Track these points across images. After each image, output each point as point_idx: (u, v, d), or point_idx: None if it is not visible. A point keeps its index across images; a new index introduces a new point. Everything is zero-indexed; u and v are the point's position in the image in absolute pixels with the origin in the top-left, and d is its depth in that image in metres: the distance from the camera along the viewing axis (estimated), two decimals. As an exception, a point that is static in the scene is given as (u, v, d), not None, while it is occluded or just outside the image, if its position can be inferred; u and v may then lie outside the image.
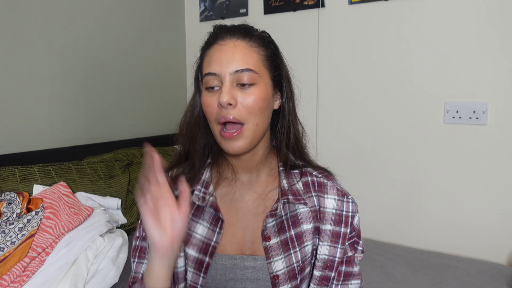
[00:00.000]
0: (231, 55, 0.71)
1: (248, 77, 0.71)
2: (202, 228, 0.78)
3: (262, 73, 0.74)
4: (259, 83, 0.73)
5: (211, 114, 0.73)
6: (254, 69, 0.72)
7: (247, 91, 0.72)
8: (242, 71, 0.71)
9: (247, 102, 0.71)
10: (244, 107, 0.71)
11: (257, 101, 0.72)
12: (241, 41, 0.73)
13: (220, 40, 0.74)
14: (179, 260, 0.78)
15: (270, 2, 2.20)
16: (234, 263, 0.77)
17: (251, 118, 0.72)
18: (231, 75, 0.71)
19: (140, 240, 0.81)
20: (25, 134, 1.70)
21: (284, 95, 0.79)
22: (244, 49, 0.72)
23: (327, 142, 2.10)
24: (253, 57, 0.73)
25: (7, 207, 1.32)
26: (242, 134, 0.72)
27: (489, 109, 1.70)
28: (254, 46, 0.74)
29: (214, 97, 0.72)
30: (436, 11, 1.78)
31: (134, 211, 1.73)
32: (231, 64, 0.71)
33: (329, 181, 0.81)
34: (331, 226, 0.79)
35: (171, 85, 2.47)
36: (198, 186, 0.79)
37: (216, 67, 0.72)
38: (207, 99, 0.74)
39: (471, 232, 1.78)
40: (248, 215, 0.80)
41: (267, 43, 0.76)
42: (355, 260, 0.81)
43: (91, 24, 1.96)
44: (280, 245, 0.76)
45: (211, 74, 0.72)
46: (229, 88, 0.70)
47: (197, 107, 0.79)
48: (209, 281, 0.77)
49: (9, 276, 1.18)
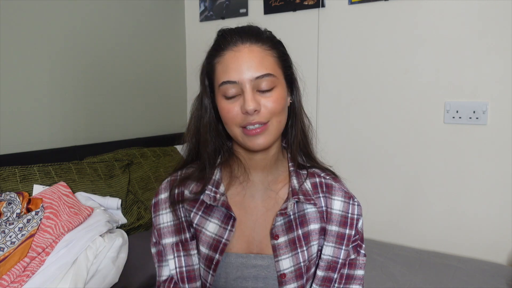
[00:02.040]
0: (248, 62, 0.71)
1: (267, 82, 0.72)
2: (213, 226, 0.79)
3: (279, 75, 0.75)
4: (277, 85, 0.74)
5: (232, 119, 0.74)
6: (272, 73, 0.73)
7: (267, 94, 0.73)
8: (262, 76, 0.72)
9: (270, 105, 0.72)
10: (267, 111, 0.72)
11: (279, 102, 0.73)
12: (255, 46, 0.73)
13: (233, 46, 0.73)
14: (194, 258, 0.80)
15: (270, 2, 2.20)
16: (242, 262, 0.78)
17: (274, 117, 0.74)
18: (252, 82, 0.71)
19: (157, 245, 0.83)
20: (25, 134, 1.70)
21: (294, 92, 0.81)
22: (259, 53, 0.73)
23: (326, 142, 2.10)
24: (269, 60, 0.73)
25: (7, 207, 1.32)
26: (267, 129, 0.73)
27: (489, 109, 1.70)
28: (267, 49, 0.74)
29: (236, 103, 0.73)
30: (436, 11, 1.78)
31: (134, 211, 1.73)
32: (250, 71, 0.71)
33: (337, 183, 0.83)
34: (337, 227, 0.80)
35: (171, 85, 2.47)
36: (209, 186, 0.80)
37: (234, 75, 0.72)
38: (227, 106, 0.74)
39: (471, 232, 1.78)
40: (258, 213, 0.80)
41: (276, 43, 0.77)
42: (357, 264, 0.82)
43: (91, 24, 1.96)
44: (288, 244, 0.77)
45: (230, 83, 0.72)
46: (252, 95, 0.71)
47: (208, 113, 0.79)
48: (217, 279, 0.78)
49: (9, 276, 1.18)
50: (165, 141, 2.26)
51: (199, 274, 0.80)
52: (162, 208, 0.82)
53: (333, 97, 2.08)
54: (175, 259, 0.79)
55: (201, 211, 0.80)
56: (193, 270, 0.79)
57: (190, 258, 0.80)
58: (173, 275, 0.80)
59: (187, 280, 0.79)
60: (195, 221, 0.80)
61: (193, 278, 0.79)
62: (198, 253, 0.80)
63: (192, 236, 0.81)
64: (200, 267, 0.80)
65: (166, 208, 0.82)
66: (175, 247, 0.80)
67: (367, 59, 1.96)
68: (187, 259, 0.79)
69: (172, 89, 2.48)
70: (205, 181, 0.80)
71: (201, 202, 0.81)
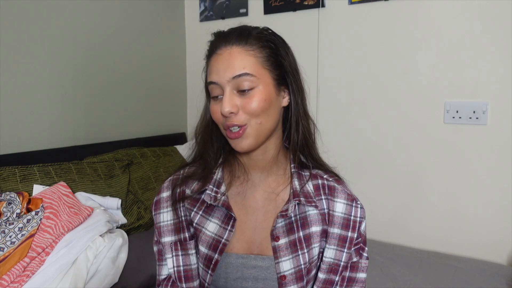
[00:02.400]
0: (227, 63, 0.72)
1: (246, 82, 0.72)
2: (213, 225, 0.79)
3: (261, 75, 0.74)
4: (259, 85, 0.73)
5: (217, 120, 0.76)
6: (251, 73, 0.72)
7: (247, 95, 0.73)
8: (239, 76, 0.72)
9: (248, 106, 0.72)
10: (246, 112, 0.72)
11: (259, 103, 0.73)
12: (236, 47, 0.73)
13: (217, 50, 0.75)
14: (192, 258, 0.80)
15: (270, 2, 2.20)
16: (242, 262, 0.77)
17: (253, 119, 0.73)
18: (230, 82, 0.72)
19: (157, 244, 0.84)
20: (25, 134, 1.70)
21: (291, 91, 0.79)
22: (239, 54, 0.73)
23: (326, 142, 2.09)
24: (249, 60, 0.73)
25: (7, 207, 1.32)
26: (245, 132, 0.73)
27: (489, 109, 1.70)
28: (249, 49, 0.73)
29: (219, 105, 0.74)
30: (436, 11, 1.78)
31: (134, 211, 1.73)
32: (228, 72, 0.72)
33: (339, 185, 0.82)
34: (339, 230, 0.79)
35: (171, 85, 2.47)
36: (210, 186, 0.80)
37: (215, 77, 0.74)
38: (213, 107, 0.76)
39: (471, 232, 1.78)
40: (258, 214, 0.80)
41: (265, 42, 0.75)
42: (360, 266, 0.82)
43: (91, 24, 1.96)
44: (289, 246, 0.77)
45: (212, 83, 0.74)
46: (229, 97, 0.72)
47: (208, 113, 0.81)
48: (217, 280, 0.78)
49: (9, 276, 1.18)
50: (165, 141, 2.26)
51: (197, 273, 0.80)
52: (163, 207, 0.83)
53: (333, 97, 2.08)
54: (173, 258, 0.80)
55: (201, 211, 0.80)
56: (191, 269, 0.79)
57: (188, 258, 0.80)
58: (171, 274, 0.80)
59: (184, 279, 0.79)
60: (195, 221, 0.80)
61: (190, 277, 0.79)
62: (197, 252, 0.80)
63: (191, 236, 0.81)
64: (199, 267, 0.80)
65: (167, 206, 0.82)
66: (174, 246, 0.80)
67: (367, 59, 1.96)
68: (185, 259, 0.80)
69: (172, 89, 2.48)
70: (207, 180, 0.80)
71: (202, 202, 0.81)
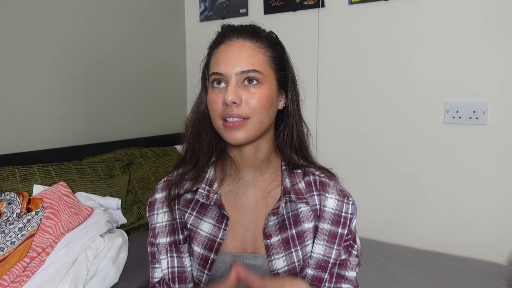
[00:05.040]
0: (237, 56, 0.73)
1: (254, 77, 0.73)
2: (207, 225, 0.79)
3: (268, 74, 0.75)
4: (264, 83, 0.74)
5: (215, 110, 0.75)
6: (259, 70, 0.73)
7: (251, 90, 0.73)
8: (247, 71, 0.73)
9: (251, 101, 0.73)
10: (248, 106, 0.73)
11: (262, 100, 0.73)
12: (248, 42, 0.75)
13: (227, 40, 0.75)
14: (185, 260, 0.80)
15: (270, 2, 2.20)
16: (235, 261, 0.77)
17: (256, 115, 0.73)
18: (237, 76, 0.73)
19: (151, 246, 0.83)
20: (25, 134, 1.70)
21: (289, 95, 0.81)
22: (250, 50, 0.74)
23: (327, 142, 2.10)
24: (259, 58, 0.74)
25: (7, 207, 1.32)
26: (245, 125, 0.73)
27: (489, 109, 1.70)
28: (260, 47, 0.75)
29: (220, 94, 0.74)
30: (436, 11, 1.78)
31: (134, 211, 1.73)
32: (237, 65, 0.72)
33: (331, 181, 0.82)
34: (329, 225, 0.79)
35: (171, 85, 2.47)
36: (202, 184, 0.80)
37: (223, 67, 0.73)
38: (212, 96, 0.75)
39: (471, 232, 1.78)
40: (251, 213, 0.80)
41: (274, 44, 0.78)
42: (349, 264, 0.80)
43: (91, 24, 1.96)
44: (281, 243, 0.77)
45: (217, 74, 0.74)
46: (234, 87, 0.72)
47: (203, 104, 0.81)
48: (211, 279, 0.78)
49: (9, 276, 1.18)
50: (165, 141, 2.26)
51: (190, 276, 0.79)
52: (157, 208, 0.83)
53: (333, 97, 2.08)
54: (168, 259, 0.80)
55: (195, 211, 0.80)
56: (185, 272, 0.79)
57: (182, 260, 0.80)
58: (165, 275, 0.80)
59: (178, 281, 0.79)
60: (190, 222, 0.80)
61: (183, 279, 0.79)
62: (191, 255, 0.80)
63: (185, 239, 0.81)
64: (193, 268, 0.79)
65: (162, 208, 0.82)
66: (169, 247, 0.80)
67: (367, 59, 1.96)
68: (180, 261, 0.80)
69: (172, 89, 2.48)
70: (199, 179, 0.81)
71: (196, 202, 0.81)
